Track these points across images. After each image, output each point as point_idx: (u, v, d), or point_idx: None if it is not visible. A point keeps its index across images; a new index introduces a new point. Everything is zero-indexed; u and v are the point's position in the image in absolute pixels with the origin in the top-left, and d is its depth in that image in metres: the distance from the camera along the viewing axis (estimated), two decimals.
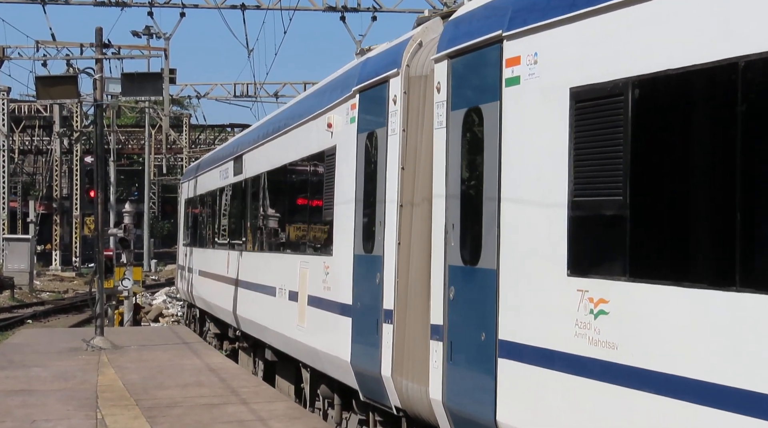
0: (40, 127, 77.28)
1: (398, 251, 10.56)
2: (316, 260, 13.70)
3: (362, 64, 12.37)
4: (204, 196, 27.31)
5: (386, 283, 10.76)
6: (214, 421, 13.11)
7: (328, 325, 12.82)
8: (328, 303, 12.89)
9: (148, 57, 43.05)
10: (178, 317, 37.33)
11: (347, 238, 12.10)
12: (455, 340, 9.04)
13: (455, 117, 9.27)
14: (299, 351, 14.85)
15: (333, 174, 13.10)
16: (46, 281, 58.74)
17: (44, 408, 14.05)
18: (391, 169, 10.88)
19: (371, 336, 11.12)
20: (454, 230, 9.16)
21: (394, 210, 10.74)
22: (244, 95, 61.89)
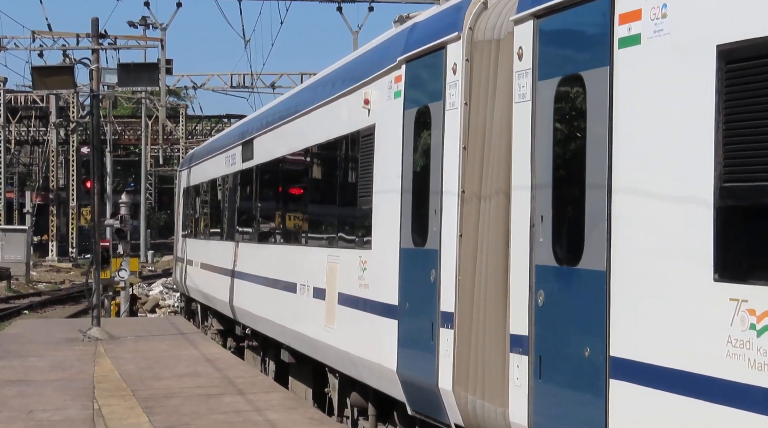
0: (36, 117, 77.09)
1: (460, 244, 9.04)
2: (350, 254, 12.09)
3: (409, 31, 10.69)
4: (206, 184, 25.07)
5: (444, 281, 9.27)
6: (210, 411, 13.10)
7: (366, 327, 11.29)
8: (365, 303, 11.35)
9: (144, 47, 43.06)
10: (175, 308, 37.34)
11: (391, 229, 10.58)
12: (546, 354, 7.47)
13: (545, 88, 7.67)
14: (326, 355, 13.18)
15: (370, 157, 11.45)
16: (43, 271, 58.67)
17: (41, 399, 14.01)
18: (450, 149, 9.32)
19: (424, 342, 9.59)
20: (544, 224, 7.59)
21: (454, 197, 9.20)
22: (241, 86, 61.85)
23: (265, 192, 18.11)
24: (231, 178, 21.28)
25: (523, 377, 7.75)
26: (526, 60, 7.96)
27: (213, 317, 24.13)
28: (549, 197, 7.58)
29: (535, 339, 7.63)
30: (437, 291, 9.38)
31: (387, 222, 10.79)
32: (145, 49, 43.21)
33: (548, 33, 7.73)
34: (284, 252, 16.01)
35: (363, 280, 11.48)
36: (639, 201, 6.49)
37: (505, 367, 8.10)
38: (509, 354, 8.00)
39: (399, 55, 10.58)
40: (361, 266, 11.59)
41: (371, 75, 11.56)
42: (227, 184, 21.88)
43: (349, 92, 12.49)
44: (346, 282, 12.15)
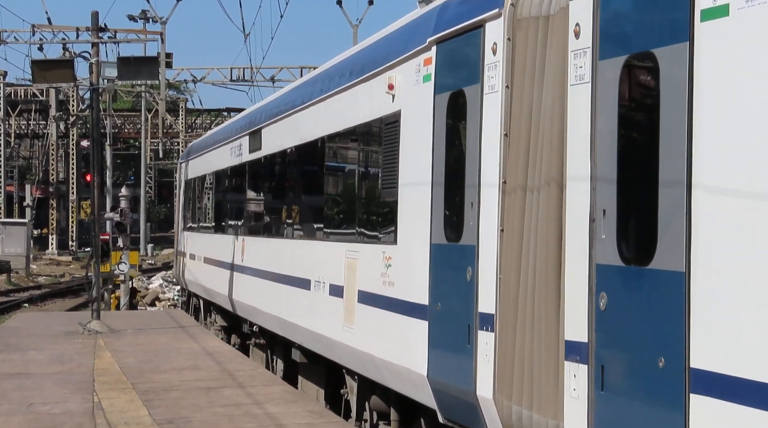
0: (36, 111, 77.07)
1: (501, 239, 8.27)
2: (372, 249, 11.30)
3: (440, 10, 9.87)
4: (210, 176, 24.23)
5: (483, 279, 8.54)
6: (210, 404, 13.08)
7: (391, 328, 10.53)
8: (389, 302, 10.61)
9: (144, 41, 43.02)
10: (175, 301, 37.37)
11: (419, 223, 9.80)
12: (610, 364, 6.65)
13: (608, 69, 6.83)
14: (344, 356, 12.43)
15: (395, 146, 10.66)
16: (43, 265, 58.73)
17: (41, 392, 13.96)
18: (490, 136, 8.53)
19: (460, 346, 8.87)
20: (607, 219, 6.76)
21: (494, 188, 8.43)
22: (241, 80, 61.82)
23: (275, 184, 17.26)
24: (237, 169, 20.41)
25: (582, 388, 6.96)
26: (585, 38, 7.14)
27: (216, 313, 23.51)
28: (613, 189, 6.74)
29: (597, 346, 6.83)
30: (474, 291, 8.65)
31: (415, 216, 10.03)
32: (145, 42, 43.17)
33: (612, 7, 6.86)
34: (296, 247, 15.19)
35: (387, 277, 10.74)
36: (727, 196, 5.69)
37: (559, 376, 7.32)
38: (564, 362, 7.23)
39: (429, 36, 9.78)
40: (384, 263, 10.82)
41: (396, 58, 10.76)
42: (233, 175, 21.05)
43: (369, 78, 11.68)
44: (367, 279, 11.38)
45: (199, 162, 26.03)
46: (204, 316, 25.55)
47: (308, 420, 12.08)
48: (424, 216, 9.74)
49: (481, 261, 8.59)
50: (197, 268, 25.31)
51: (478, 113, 8.72)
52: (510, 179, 8.25)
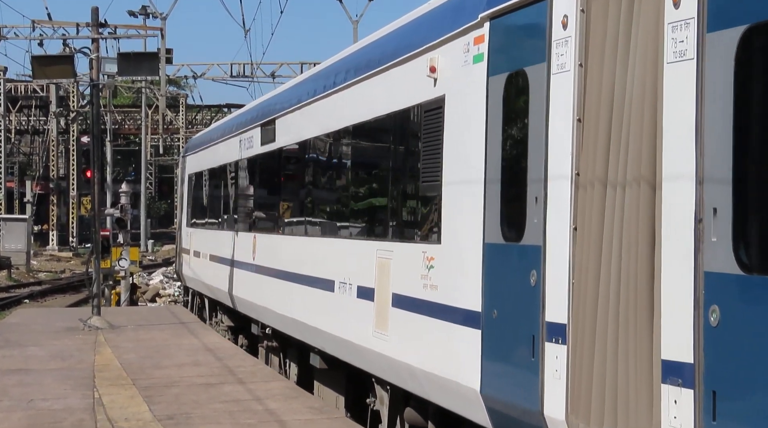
0: (36, 107, 77.12)
1: (574, 239, 7.24)
2: (409, 249, 10.27)
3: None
4: (217, 170, 22.69)
5: (550, 285, 7.53)
6: (211, 400, 13.10)
7: (434, 336, 9.54)
8: (432, 307, 9.60)
9: (144, 37, 42.99)
10: (175, 297, 37.38)
11: (469, 220, 8.81)
12: (724, 389, 5.65)
13: (719, 42, 5.80)
14: (375, 364, 11.39)
15: (438, 135, 9.62)
16: (43, 261, 58.75)
17: (41, 388, 13.98)
18: (559, 122, 7.49)
19: (522, 359, 7.87)
20: (719, 219, 5.77)
21: (564, 181, 7.38)
22: (241, 75, 61.82)
23: (291, 178, 16.04)
24: (247, 162, 19.19)
25: (686, 416, 5.91)
26: (687, 7, 6.13)
27: (222, 313, 22.60)
28: (728, 185, 5.73)
29: (706, 368, 5.83)
30: (540, 297, 7.62)
31: (464, 212, 9.01)
32: (145, 38, 43.18)
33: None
34: (318, 245, 14.06)
35: (429, 280, 9.71)
36: None
37: (654, 401, 6.31)
38: (661, 384, 6.22)
39: (480, 11, 8.77)
40: (425, 264, 9.79)
41: (438, 38, 9.70)
42: (243, 169, 19.77)
43: (405, 61, 10.63)
44: (403, 282, 10.38)
45: (204, 156, 24.68)
46: (209, 316, 24.44)
47: (308, 416, 12.07)
48: (475, 213, 8.73)
49: (549, 264, 7.59)
50: (202, 266, 24.08)
51: (544, 96, 7.69)
52: (585, 171, 7.16)
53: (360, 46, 13.35)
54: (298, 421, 11.77)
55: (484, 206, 8.61)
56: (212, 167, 23.34)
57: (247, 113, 20.49)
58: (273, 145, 16.88)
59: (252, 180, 19.13)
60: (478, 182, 8.71)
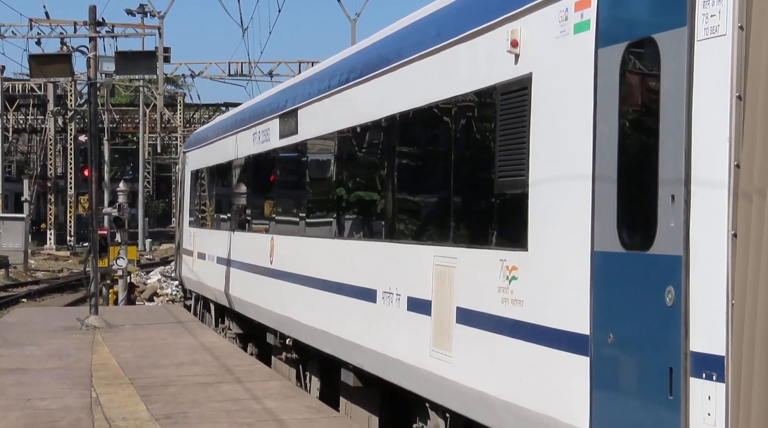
0: (34, 105, 77.03)
1: (733, 249, 5.91)
2: (481, 255, 8.81)
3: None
4: (225, 166, 21.09)
5: (696, 305, 6.19)
6: (208, 399, 13.08)
7: (519, 361, 8.13)
8: (516, 326, 8.17)
9: (142, 35, 42.98)
10: (173, 296, 37.37)
11: (570, 223, 7.40)
12: None
13: None
14: (432, 387, 9.90)
15: (522, 121, 8.17)
16: (41, 260, 58.62)
17: (39, 387, 13.95)
18: (709, 100, 6.14)
19: (654, 396, 6.49)
20: None
21: (718, 174, 6.05)
22: (239, 74, 61.70)
23: (318, 173, 14.57)
24: (262, 157, 17.65)
25: None
26: None
27: (231, 320, 21.41)
28: None
29: None
30: (680, 320, 6.26)
31: (561, 212, 7.61)
32: (143, 37, 43.16)
33: None
34: (354, 249, 12.47)
35: (510, 293, 8.29)
36: None
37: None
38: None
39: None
40: (504, 274, 8.37)
41: (523, 5, 8.30)
42: (256, 165, 18.28)
43: (475, 35, 9.11)
44: (472, 294, 8.99)
45: (210, 151, 23.01)
46: (215, 321, 23.15)
47: (306, 415, 12.07)
48: (578, 214, 7.32)
49: (694, 279, 6.22)
50: (208, 269, 22.45)
51: (684, 69, 6.31)
52: (748, 162, 5.83)
53: (407, 24, 11.63)
54: (296, 420, 11.77)
55: (592, 206, 7.15)
56: (220, 162, 21.75)
57: (261, 104, 18.75)
58: (294, 138, 15.41)
59: (268, 177, 17.45)
60: (582, 177, 7.26)
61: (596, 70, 7.18)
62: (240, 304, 19.27)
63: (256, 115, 18.37)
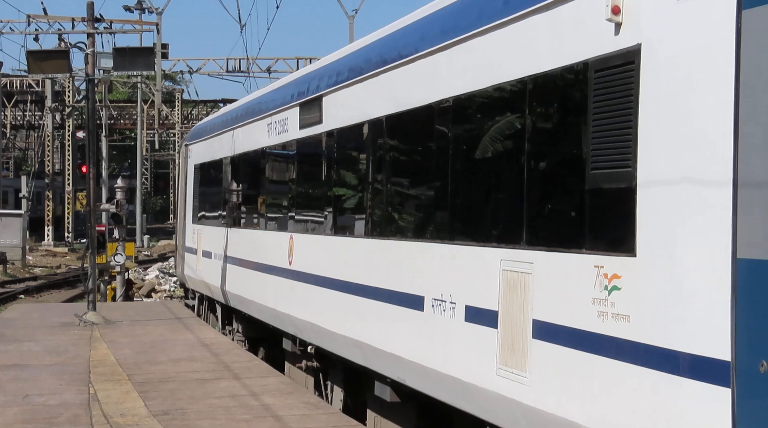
0: (32, 102, 76.97)
1: None
2: (568, 261, 7.56)
3: None
4: (235, 159, 19.80)
5: None
6: (206, 396, 13.08)
7: (626, 388, 6.84)
8: (619, 346, 6.92)
9: (140, 32, 42.88)
10: (171, 292, 37.36)
11: (700, 223, 6.22)
12: None
13: None
14: (500, 411, 8.66)
15: (627, 104, 6.93)
16: (39, 256, 58.64)
17: (36, 383, 13.96)
18: None
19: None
20: None
21: None
22: (237, 70, 61.67)
23: (348, 166, 13.22)
24: (279, 149, 16.43)
25: None
26: None
27: (239, 323, 20.30)
28: None
29: None
30: None
31: (684, 211, 6.38)
32: (141, 33, 43.05)
33: None
34: (396, 251, 11.14)
35: (610, 306, 7.04)
36: None
37: None
38: None
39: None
40: (601, 283, 7.16)
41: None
42: (272, 157, 17.06)
43: (557, 2, 7.92)
44: (556, 306, 7.75)
45: (216, 143, 21.58)
46: (221, 324, 21.97)
47: (304, 412, 12.07)
48: (713, 214, 6.12)
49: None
50: (215, 269, 21.20)
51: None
52: None
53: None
54: (294, 416, 11.77)
55: (734, 203, 5.96)
56: (228, 155, 20.35)
57: (277, 93, 17.32)
58: (318, 127, 14.15)
59: (284, 170, 16.29)
60: (718, 170, 6.11)
61: (739, 41, 5.92)
62: (252, 307, 18.15)
63: (271, 104, 17.05)
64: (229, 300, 20.21)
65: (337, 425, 11.47)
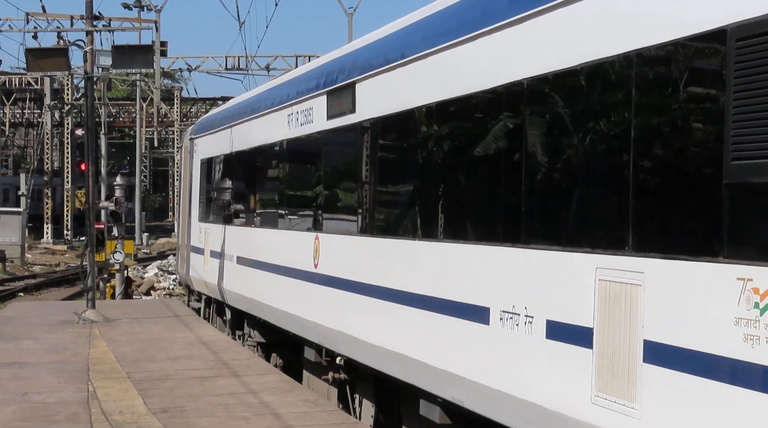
0: (30, 99, 76.96)
1: None
2: (701, 271, 6.25)
3: None
4: (249, 153, 18.40)
5: None
6: (205, 393, 13.08)
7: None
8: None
9: (138, 29, 42.90)
10: (170, 290, 37.35)
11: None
12: None
13: None
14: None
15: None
16: (38, 254, 58.52)
17: (36, 381, 13.95)
18: None
19: None
20: None
21: None
22: (236, 68, 61.60)
23: (390, 159, 11.87)
24: (303, 142, 15.14)
25: None
26: None
27: (252, 327, 19.04)
28: None
29: None
30: None
31: None
32: (140, 31, 43.05)
33: None
34: (452, 254, 9.79)
35: (762, 329, 5.80)
36: None
37: None
38: None
39: None
40: (748, 299, 5.94)
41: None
42: (293, 151, 15.76)
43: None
44: (678, 325, 6.45)
45: (228, 136, 20.22)
46: (230, 329, 20.73)
47: (303, 409, 12.08)
48: None
49: None
50: (225, 270, 20.05)
51: None
52: None
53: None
54: (293, 414, 11.77)
55: None
56: (242, 149, 19.02)
57: (298, 80, 15.93)
58: (350, 117, 12.87)
59: (308, 165, 15.01)
60: None
61: None
62: (268, 312, 16.93)
63: (292, 93, 15.70)
64: (241, 304, 18.88)
65: (336, 423, 11.47)
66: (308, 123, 14.76)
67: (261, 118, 17.72)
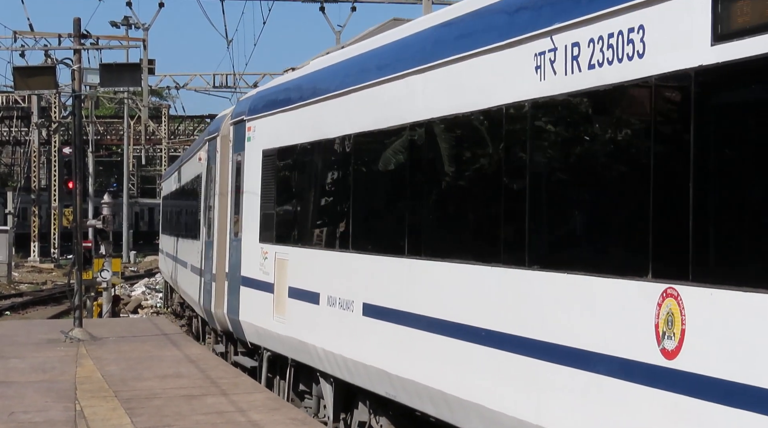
0: (18, 118, 76.78)
1: None
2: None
3: None
4: (400, 135, 10.83)
5: None
6: (193, 412, 13.05)
7: None
8: None
9: (126, 48, 42.90)
10: (157, 308, 37.28)
11: None
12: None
13: None
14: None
15: None
16: (25, 272, 58.39)
17: (22, 400, 13.87)
18: None
19: None
20: None
21: None
22: (224, 86, 61.73)
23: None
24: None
25: None
26: None
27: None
28: None
29: None
30: None
31: None
32: (128, 49, 43.04)
33: None
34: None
35: None
36: None
37: None
38: None
39: None
40: None
41: None
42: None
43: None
44: None
45: (329, 111, 13.17)
46: (334, 412, 13.16)
47: None
48: None
49: None
50: (339, 327, 12.32)
51: None
52: None
53: None
54: None
55: None
56: (370, 130, 11.70)
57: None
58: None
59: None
60: None
61: None
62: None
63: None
64: (375, 383, 11.37)
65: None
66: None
67: (405, 78, 10.82)
